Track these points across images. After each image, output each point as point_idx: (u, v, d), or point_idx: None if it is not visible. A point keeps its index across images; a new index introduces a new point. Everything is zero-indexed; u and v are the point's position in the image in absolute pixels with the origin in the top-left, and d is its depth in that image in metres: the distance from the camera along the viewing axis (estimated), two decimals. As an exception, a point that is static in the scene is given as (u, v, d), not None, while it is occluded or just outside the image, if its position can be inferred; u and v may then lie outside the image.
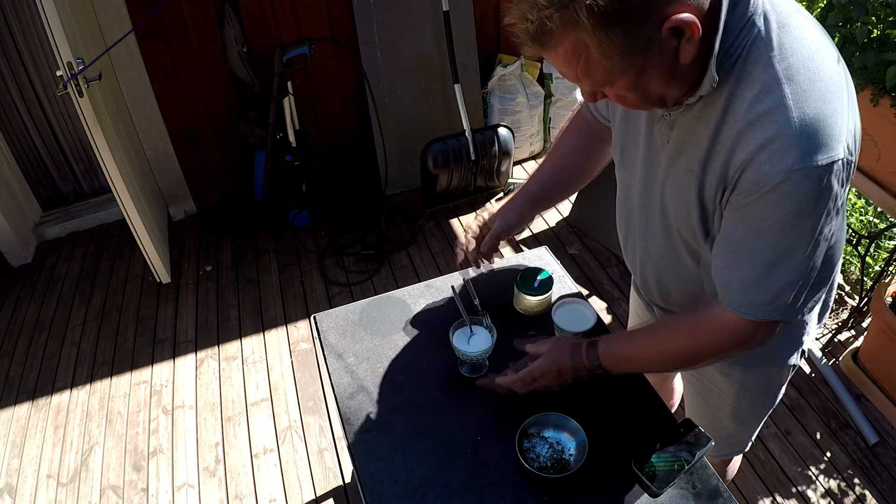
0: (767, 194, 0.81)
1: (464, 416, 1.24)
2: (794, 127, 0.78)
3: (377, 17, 3.05)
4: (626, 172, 1.13)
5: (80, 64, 2.18)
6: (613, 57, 0.77)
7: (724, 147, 0.85)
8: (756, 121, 0.80)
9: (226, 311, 2.81)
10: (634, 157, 1.07)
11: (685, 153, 0.93)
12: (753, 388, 1.28)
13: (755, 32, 0.80)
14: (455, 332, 1.29)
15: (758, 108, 0.80)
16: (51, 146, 3.24)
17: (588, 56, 0.77)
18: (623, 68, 0.78)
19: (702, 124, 0.88)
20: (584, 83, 0.84)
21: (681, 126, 0.92)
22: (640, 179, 1.06)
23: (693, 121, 0.90)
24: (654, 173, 1.03)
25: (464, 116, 3.10)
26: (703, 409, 1.39)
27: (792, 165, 0.78)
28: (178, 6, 2.81)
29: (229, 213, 3.39)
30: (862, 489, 1.99)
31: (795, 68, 0.79)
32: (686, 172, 0.93)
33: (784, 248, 0.86)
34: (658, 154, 0.99)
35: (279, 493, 2.09)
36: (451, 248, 3.10)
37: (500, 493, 1.10)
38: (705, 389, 1.34)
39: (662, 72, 0.80)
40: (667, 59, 0.78)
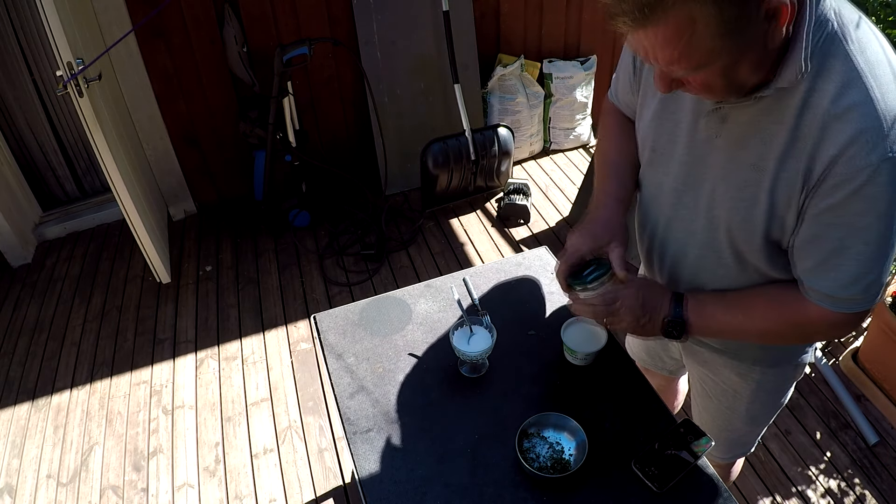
0: (862, 188, 0.80)
1: (464, 416, 1.24)
2: (883, 119, 0.78)
3: (377, 17, 3.05)
4: (656, 171, 1.09)
5: (80, 64, 2.18)
6: (717, 36, 0.74)
7: (807, 142, 0.83)
8: (843, 114, 0.79)
9: (226, 311, 2.82)
10: (670, 155, 1.04)
11: (747, 148, 0.90)
12: (769, 387, 1.28)
13: (830, 26, 0.80)
14: (455, 332, 1.29)
15: (843, 101, 0.79)
16: (51, 146, 3.24)
17: (693, 34, 0.74)
18: (723, 49, 0.76)
19: (771, 118, 0.86)
20: (678, 66, 0.79)
21: (738, 120, 0.90)
22: (679, 177, 1.03)
23: (759, 114, 0.87)
24: (699, 170, 0.99)
25: (464, 116, 3.10)
26: (716, 411, 1.37)
27: (883, 156, 0.78)
28: (178, 6, 2.81)
29: (229, 213, 3.39)
30: (862, 489, 1.99)
31: (874, 62, 0.80)
32: (750, 168, 0.90)
33: (883, 242, 0.85)
34: (705, 149, 0.97)
35: (279, 493, 2.09)
36: (451, 248, 3.10)
37: (500, 493, 1.10)
38: (720, 391, 1.32)
39: (754, 57, 0.78)
40: (759, 43, 0.77)
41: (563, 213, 3.26)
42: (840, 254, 0.87)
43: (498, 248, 3.09)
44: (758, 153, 0.89)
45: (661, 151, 1.06)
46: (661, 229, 1.13)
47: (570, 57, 3.62)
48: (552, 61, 3.54)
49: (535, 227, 3.20)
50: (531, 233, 3.17)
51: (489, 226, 3.23)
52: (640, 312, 1.05)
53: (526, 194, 3.25)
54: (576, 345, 1.28)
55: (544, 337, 1.39)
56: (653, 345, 1.50)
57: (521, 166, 3.67)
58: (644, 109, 1.09)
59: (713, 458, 1.49)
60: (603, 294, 1.07)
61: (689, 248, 1.08)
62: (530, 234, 3.16)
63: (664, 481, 1.07)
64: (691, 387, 1.46)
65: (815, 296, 0.93)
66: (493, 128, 3.22)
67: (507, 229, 3.20)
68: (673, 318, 1.05)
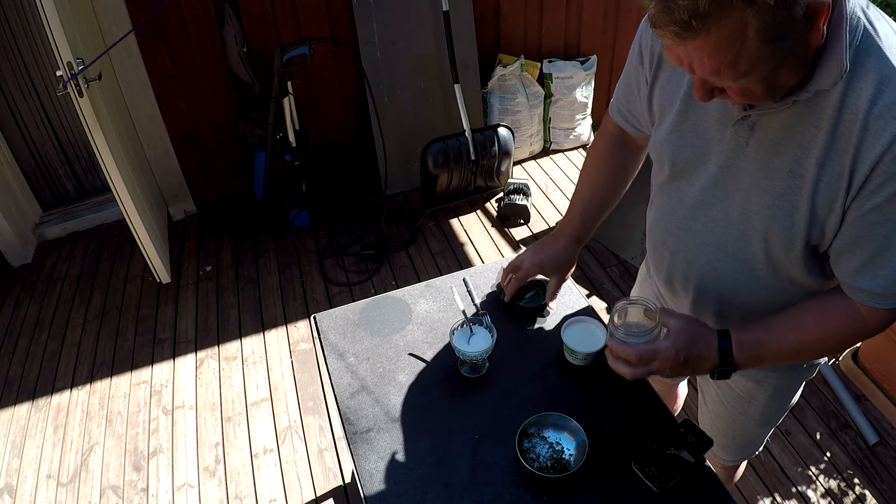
0: None
1: (464, 416, 1.24)
2: None
3: (377, 17, 3.05)
4: (679, 184, 1.06)
5: (80, 64, 2.18)
6: (765, 42, 0.72)
7: (848, 143, 0.82)
8: (884, 113, 0.78)
9: (226, 311, 2.81)
10: (693, 167, 1.01)
11: (783, 155, 0.88)
12: (784, 389, 1.27)
13: (860, 23, 0.79)
14: (455, 332, 1.29)
15: (883, 99, 0.78)
16: (51, 146, 3.24)
17: (744, 41, 0.71)
18: (770, 55, 0.74)
19: (806, 122, 0.84)
20: (723, 76, 0.77)
21: (769, 127, 0.88)
22: (706, 188, 1.01)
23: (792, 119, 0.85)
24: (729, 180, 0.97)
25: (464, 116, 3.10)
26: (730, 418, 1.35)
27: None
28: (178, 6, 2.81)
29: (229, 213, 3.39)
30: (862, 489, 1.99)
31: None
32: (787, 175, 0.88)
33: None
34: (735, 159, 0.95)
35: (279, 493, 2.09)
36: (451, 248, 3.10)
37: (500, 493, 1.10)
38: (734, 398, 1.31)
39: (794, 59, 0.77)
40: (800, 45, 0.75)
41: (563, 213, 3.26)
42: (886, 251, 0.86)
43: (498, 248, 3.09)
44: (794, 158, 0.87)
45: (682, 165, 1.04)
46: (687, 245, 1.09)
47: (570, 57, 3.62)
48: (552, 61, 3.54)
49: (535, 227, 3.20)
50: (531, 233, 3.17)
51: (489, 226, 3.23)
52: (680, 369, 1.00)
53: (526, 194, 3.25)
54: (576, 345, 1.28)
55: (544, 336, 1.39)
56: None
57: (521, 166, 3.67)
58: (658, 125, 1.06)
59: (721, 460, 1.48)
60: (639, 352, 1.00)
61: (719, 262, 1.05)
62: (530, 234, 3.16)
63: (664, 481, 1.07)
64: (703, 394, 1.44)
65: (863, 296, 0.91)
66: (493, 128, 3.22)
67: (507, 229, 3.20)
68: (722, 368, 1.00)
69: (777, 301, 1.04)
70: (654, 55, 1.03)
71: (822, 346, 1.00)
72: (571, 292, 1.50)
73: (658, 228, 1.16)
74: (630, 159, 1.32)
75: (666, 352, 0.99)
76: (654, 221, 1.18)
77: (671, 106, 1.01)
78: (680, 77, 1.00)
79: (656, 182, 1.16)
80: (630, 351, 1.01)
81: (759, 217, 0.94)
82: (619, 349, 1.02)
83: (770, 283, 1.02)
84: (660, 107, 1.05)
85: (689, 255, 1.10)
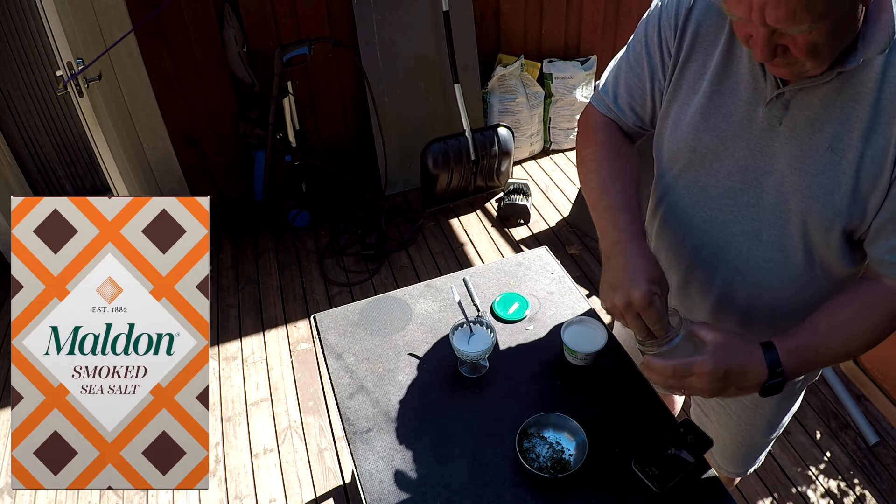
0: None
1: (464, 416, 1.24)
2: None
3: (377, 17, 3.05)
4: (699, 174, 1.01)
5: (80, 64, 2.18)
6: None
7: (891, 116, 0.81)
8: None
9: (226, 311, 2.81)
10: (717, 153, 0.97)
11: (822, 132, 0.85)
12: (788, 394, 1.26)
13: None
14: (455, 332, 1.29)
15: None
16: (51, 146, 3.24)
17: None
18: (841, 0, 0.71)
19: (844, 97, 0.83)
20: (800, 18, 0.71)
21: (805, 104, 0.86)
22: (734, 174, 0.96)
23: (830, 95, 0.83)
24: (761, 163, 0.93)
25: (464, 116, 3.10)
26: (735, 428, 1.33)
27: None
28: (178, 6, 2.81)
29: (229, 213, 3.39)
30: (862, 489, 1.99)
31: None
32: (827, 151, 0.86)
33: None
34: (767, 140, 0.91)
35: (279, 493, 2.09)
36: (451, 248, 3.10)
37: (500, 493, 1.10)
38: (740, 407, 1.29)
39: (854, 16, 0.74)
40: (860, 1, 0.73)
41: (563, 213, 3.26)
42: None
43: (498, 248, 3.09)
44: (834, 134, 0.85)
45: (703, 151, 0.98)
46: (713, 237, 1.03)
47: (570, 57, 3.62)
48: (552, 61, 3.54)
49: (535, 227, 3.20)
50: (531, 233, 3.17)
51: (489, 226, 3.23)
52: (721, 385, 0.89)
53: (526, 194, 3.25)
54: (576, 345, 1.28)
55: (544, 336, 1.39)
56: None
57: (521, 166, 3.67)
58: (678, 110, 1.01)
59: (726, 472, 1.47)
60: (674, 365, 0.90)
61: (751, 251, 1.00)
62: (530, 234, 3.16)
63: (664, 481, 1.07)
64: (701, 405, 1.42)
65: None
66: (493, 128, 3.22)
67: (507, 229, 3.20)
68: (771, 382, 0.90)
69: (808, 295, 1.00)
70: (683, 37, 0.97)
71: (870, 336, 0.93)
72: (571, 292, 1.50)
73: (674, 226, 1.09)
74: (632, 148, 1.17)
75: (703, 365, 0.88)
76: (666, 220, 1.11)
77: (695, 90, 0.98)
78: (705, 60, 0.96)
79: (668, 176, 1.08)
80: (664, 365, 0.91)
81: (798, 198, 0.90)
82: (653, 364, 0.92)
83: (803, 272, 0.98)
84: (685, 91, 0.99)
85: (715, 249, 1.03)
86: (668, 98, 1.03)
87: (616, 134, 1.15)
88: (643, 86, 1.07)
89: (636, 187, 1.07)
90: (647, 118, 1.11)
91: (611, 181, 1.07)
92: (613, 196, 1.05)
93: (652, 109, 1.09)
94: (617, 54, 1.14)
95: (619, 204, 1.03)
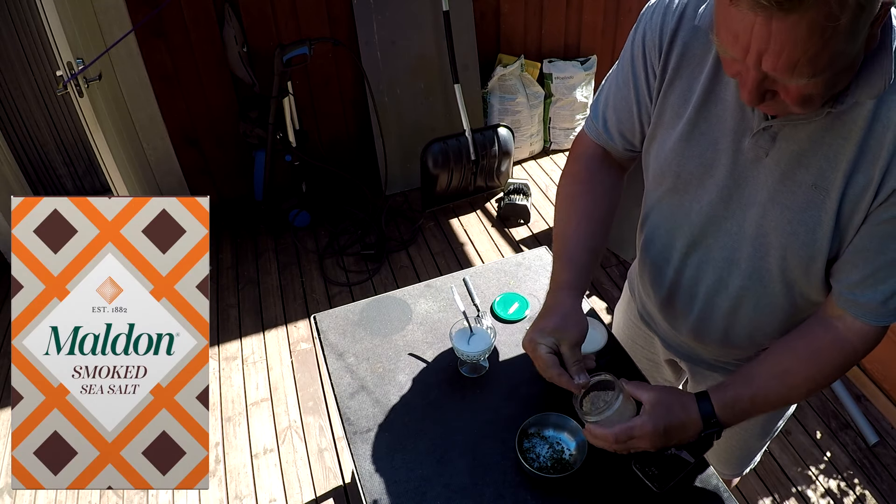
0: None
1: (464, 416, 1.24)
2: None
3: (377, 17, 3.05)
4: (682, 198, 1.00)
5: (80, 64, 2.18)
6: (851, 35, 0.66)
7: (877, 155, 0.79)
8: None
9: (226, 311, 2.81)
10: (701, 180, 0.95)
11: (806, 167, 0.84)
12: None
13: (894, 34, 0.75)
14: (455, 332, 1.29)
15: None
16: (51, 146, 3.24)
17: (835, 30, 0.64)
18: (847, 52, 0.68)
19: (833, 134, 0.81)
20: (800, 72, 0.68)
21: (793, 138, 0.84)
22: (716, 203, 0.95)
23: (818, 131, 0.81)
24: (744, 194, 0.92)
25: (464, 116, 3.10)
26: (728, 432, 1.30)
27: None
28: (178, 6, 2.81)
29: (229, 213, 3.39)
30: (862, 489, 1.99)
31: None
32: (810, 189, 0.84)
33: None
34: (751, 171, 0.90)
35: (279, 493, 2.09)
36: (451, 248, 3.10)
37: (500, 493, 1.10)
38: None
39: (853, 64, 0.72)
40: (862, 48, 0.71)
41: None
42: (892, 266, 0.84)
43: (498, 248, 3.09)
44: (819, 171, 0.83)
45: (687, 178, 0.97)
46: (695, 260, 1.04)
47: (570, 57, 3.62)
48: (552, 61, 3.54)
49: (535, 227, 3.20)
50: (531, 233, 3.17)
51: (489, 226, 3.23)
52: (663, 440, 0.96)
53: (526, 194, 3.25)
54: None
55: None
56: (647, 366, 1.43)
57: (521, 166, 3.67)
58: (663, 134, 0.99)
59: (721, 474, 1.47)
60: (615, 433, 0.95)
61: (730, 279, 1.00)
62: (530, 234, 3.16)
63: (664, 481, 1.07)
64: None
65: (857, 310, 0.89)
66: (493, 128, 3.22)
67: (507, 229, 3.20)
68: (707, 430, 0.96)
69: (786, 318, 1.01)
70: (668, 59, 0.95)
71: (810, 386, 0.96)
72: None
73: (658, 244, 1.10)
74: (619, 180, 1.17)
75: (643, 427, 0.94)
76: (651, 237, 1.12)
77: (679, 115, 0.95)
78: (690, 84, 0.93)
79: (652, 195, 1.08)
80: (605, 433, 0.96)
81: (778, 233, 0.90)
82: (595, 432, 0.98)
83: (783, 300, 0.99)
84: (670, 115, 0.97)
85: (696, 271, 1.05)
86: (654, 121, 1.01)
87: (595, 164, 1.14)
88: (630, 108, 1.04)
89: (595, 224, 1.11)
90: (636, 141, 1.09)
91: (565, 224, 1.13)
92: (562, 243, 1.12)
93: (640, 132, 1.07)
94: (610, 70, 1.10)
95: (565, 254, 1.10)
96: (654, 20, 0.95)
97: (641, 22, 0.98)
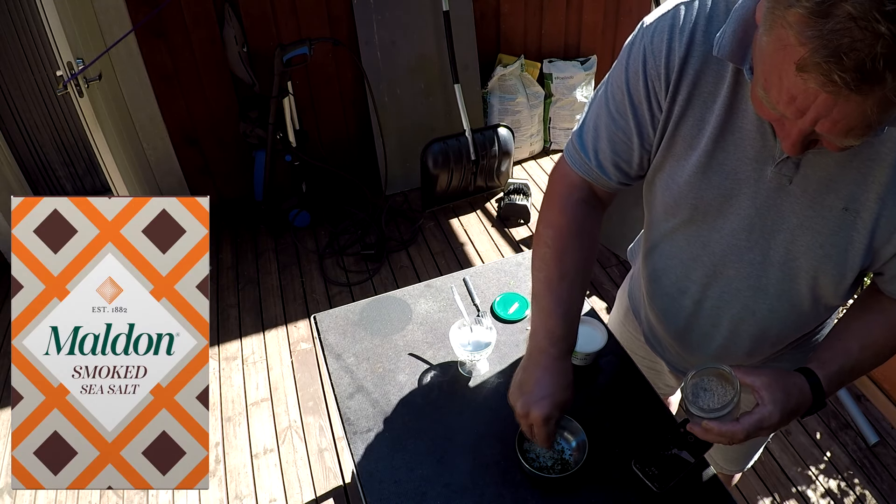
0: None
1: (464, 416, 1.24)
2: None
3: (377, 17, 3.05)
4: (700, 229, 0.98)
5: (80, 64, 2.18)
6: None
7: None
8: None
9: (226, 311, 2.82)
10: (721, 210, 0.94)
11: (836, 192, 0.83)
12: None
13: None
14: (455, 332, 1.29)
15: None
16: (51, 146, 3.24)
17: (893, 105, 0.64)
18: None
19: (862, 157, 0.80)
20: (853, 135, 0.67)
21: (818, 164, 0.83)
22: (739, 232, 0.94)
23: (846, 156, 0.80)
24: (769, 222, 0.91)
25: (464, 116, 3.10)
26: None
27: None
28: (178, 6, 2.81)
29: (229, 213, 3.39)
30: (862, 489, 1.99)
31: None
32: (841, 212, 0.84)
33: None
34: (776, 199, 0.88)
35: (279, 493, 2.09)
36: (451, 248, 3.10)
37: (500, 493, 1.10)
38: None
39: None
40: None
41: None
42: None
43: (498, 248, 3.09)
44: (849, 195, 0.83)
45: (705, 209, 0.95)
46: (714, 291, 1.03)
47: (570, 57, 3.63)
48: (552, 61, 3.54)
49: (534, 228, 3.20)
50: (531, 233, 3.17)
51: (489, 226, 3.23)
52: (786, 423, 0.94)
53: (526, 194, 3.25)
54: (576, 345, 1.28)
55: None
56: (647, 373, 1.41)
57: (521, 166, 3.67)
58: (674, 165, 0.95)
59: (722, 469, 1.48)
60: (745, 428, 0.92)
61: (756, 305, 1.01)
62: (530, 234, 3.16)
63: (664, 481, 1.07)
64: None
65: None
66: (493, 128, 3.22)
67: (507, 229, 3.20)
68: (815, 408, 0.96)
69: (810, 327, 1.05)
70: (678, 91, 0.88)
71: (888, 354, 0.98)
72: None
73: (672, 276, 1.08)
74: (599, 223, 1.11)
75: (771, 417, 0.91)
76: (664, 268, 1.09)
77: (693, 146, 0.91)
78: (703, 114, 0.89)
79: (663, 226, 1.05)
80: (734, 429, 0.92)
81: (809, 257, 0.90)
82: (722, 430, 0.92)
83: (809, 314, 1.01)
84: (681, 146, 0.93)
85: (719, 301, 1.04)
86: (661, 153, 0.96)
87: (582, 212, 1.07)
88: (629, 141, 0.97)
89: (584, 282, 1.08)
90: (633, 174, 1.03)
91: (559, 280, 1.05)
92: (556, 299, 1.05)
93: (639, 165, 1.01)
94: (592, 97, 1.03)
95: (560, 310, 1.04)
96: (655, 45, 0.87)
97: (639, 45, 0.90)
